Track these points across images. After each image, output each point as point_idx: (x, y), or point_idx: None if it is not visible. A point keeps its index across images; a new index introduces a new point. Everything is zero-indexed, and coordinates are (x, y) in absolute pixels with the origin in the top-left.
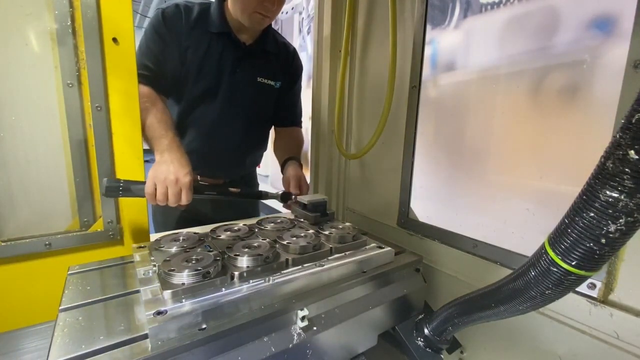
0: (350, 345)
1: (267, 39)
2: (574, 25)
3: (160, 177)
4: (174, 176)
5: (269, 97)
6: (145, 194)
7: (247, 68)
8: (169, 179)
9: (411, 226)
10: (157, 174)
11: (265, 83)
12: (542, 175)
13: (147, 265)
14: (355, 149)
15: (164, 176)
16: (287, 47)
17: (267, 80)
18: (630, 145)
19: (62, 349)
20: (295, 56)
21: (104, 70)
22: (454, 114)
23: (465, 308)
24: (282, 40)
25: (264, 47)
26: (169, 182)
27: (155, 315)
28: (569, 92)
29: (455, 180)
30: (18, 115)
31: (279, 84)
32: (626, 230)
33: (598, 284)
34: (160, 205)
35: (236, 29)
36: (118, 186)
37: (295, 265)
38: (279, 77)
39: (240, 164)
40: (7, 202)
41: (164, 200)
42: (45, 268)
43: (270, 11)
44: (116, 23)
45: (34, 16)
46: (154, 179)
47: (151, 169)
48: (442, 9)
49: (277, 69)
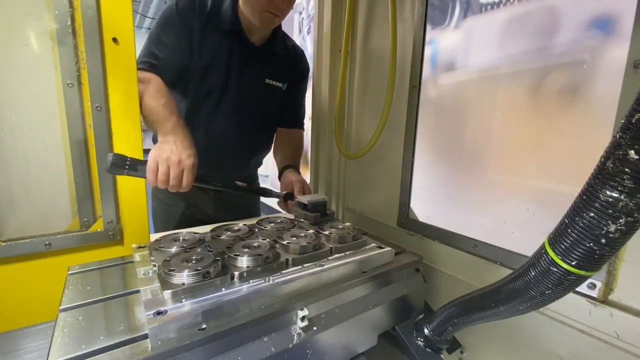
0: (350, 345)
1: (277, 41)
2: (574, 25)
3: (162, 156)
4: (176, 157)
5: (276, 99)
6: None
7: (255, 69)
8: (171, 159)
9: (411, 226)
10: (160, 152)
11: (273, 85)
12: (542, 175)
13: (147, 265)
14: (355, 149)
15: (166, 155)
16: (296, 49)
17: (275, 82)
18: (630, 145)
19: (62, 349)
20: (303, 58)
21: (104, 70)
22: (454, 114)
23: (465, 308)
24: (292, 43)
25: (273, 49)
26: (172, 162)
27: (155, 315)
28: (569, 92)
29: (456, 180)
30: (18, 115)
31: (285, 85)
32: (626, 230)
33: (598, 284)
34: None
35: (247, 28)
36: (124, 163)
37: (295, 265)
38: (286, 79)
39: (244, 164)
40: (7, 202)
41: (165, 182)
42: (45, 268)
43: (280, 10)
44: (116, 23)
45: (34, 16)
46: (156, 158)
47: (153, 149)
48: (442, 9)
49: (284, 71)
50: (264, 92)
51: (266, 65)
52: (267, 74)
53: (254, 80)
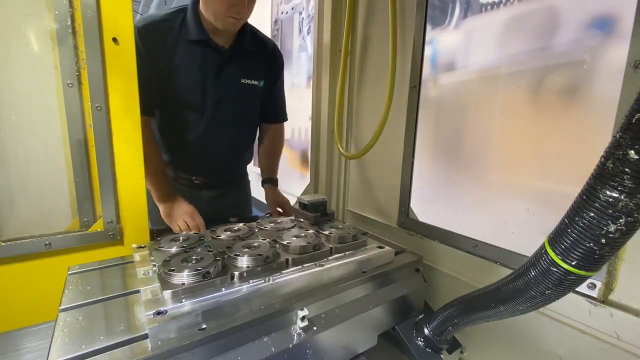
0: (350, 345)
1: (245, 39)
2: (574, 25)
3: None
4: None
5: (254, 96)
6: None
7: (230, 71)
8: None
9: (411, 226)
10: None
11: (249, 84)
12: (542, 175)
13: (147, 265)
14: (355, 149)
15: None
16: (267, 43)
17: (251, 80)
18: (630, 145)
19: (62, 349)
20: (276, 51)
21: (104, 70)
22: (454, 114)
23: (465, 308)
24: (261, 37)
25: (244, 48)
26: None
27: (155, 315)
28: (569, 92)
29: (455, 180)
30: (18, 115)
31: (262, 82)
32: (626, 230)
33: (598, 284)
34: None
35: (213, 33)
36: None
37: (295, 265)
38: (262, 75)
39: (232, 164)
40: (7, 202)
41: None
42: (45, 268)
43: (241, 13)
44: (116, 23)
45: (34, 16)
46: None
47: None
48: (442, 9)
49: (259, 67)
50: (241, 92)
51: (240, 66)
52: (242, 74)
53: (231, 82)
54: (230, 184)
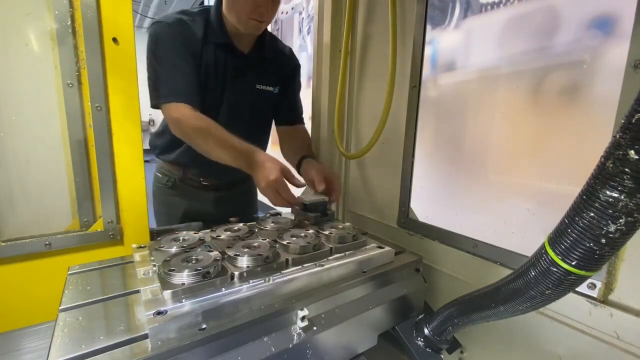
0: (350, 345)
1: (265, 45)
2: (574, 25)
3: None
4: None
5: (268, 102)
6: None
7: (246, 76)
8: None
9: (411, 226)
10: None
11: (264, 89)
12: (542, 175)
13: (147, 265)
14: (355, 149)
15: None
16: (284, 50)
17: (266, 86)
18: (630, 145)
19: (62, 349)
20: (292, 57)
21: (104, 70)
22: (454, 114)
23: (465, 308)
24: (280, 44)
25: (262, 54)
26: None
27: (155, 315)
28: (569, 92)
29: (455, 180)
30: (18, 115)
31: (277, 89)
32: (626, 230)
33: (598, 284)
34: None
35: (234, 37)
36: None
37: (295, 265)
38: (277, 82)
39: None
40: (7, 202)
41: None
42: (45, 268)
43: (265, 16)
44: (116, 23)
45: (34, 16)
46: None
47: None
48: (442, 9)
49: (275, 74)
50: (255, 98)
51: (256, 71)
52: (258, 79)
53: (246, 87)
54: (237, 186)
